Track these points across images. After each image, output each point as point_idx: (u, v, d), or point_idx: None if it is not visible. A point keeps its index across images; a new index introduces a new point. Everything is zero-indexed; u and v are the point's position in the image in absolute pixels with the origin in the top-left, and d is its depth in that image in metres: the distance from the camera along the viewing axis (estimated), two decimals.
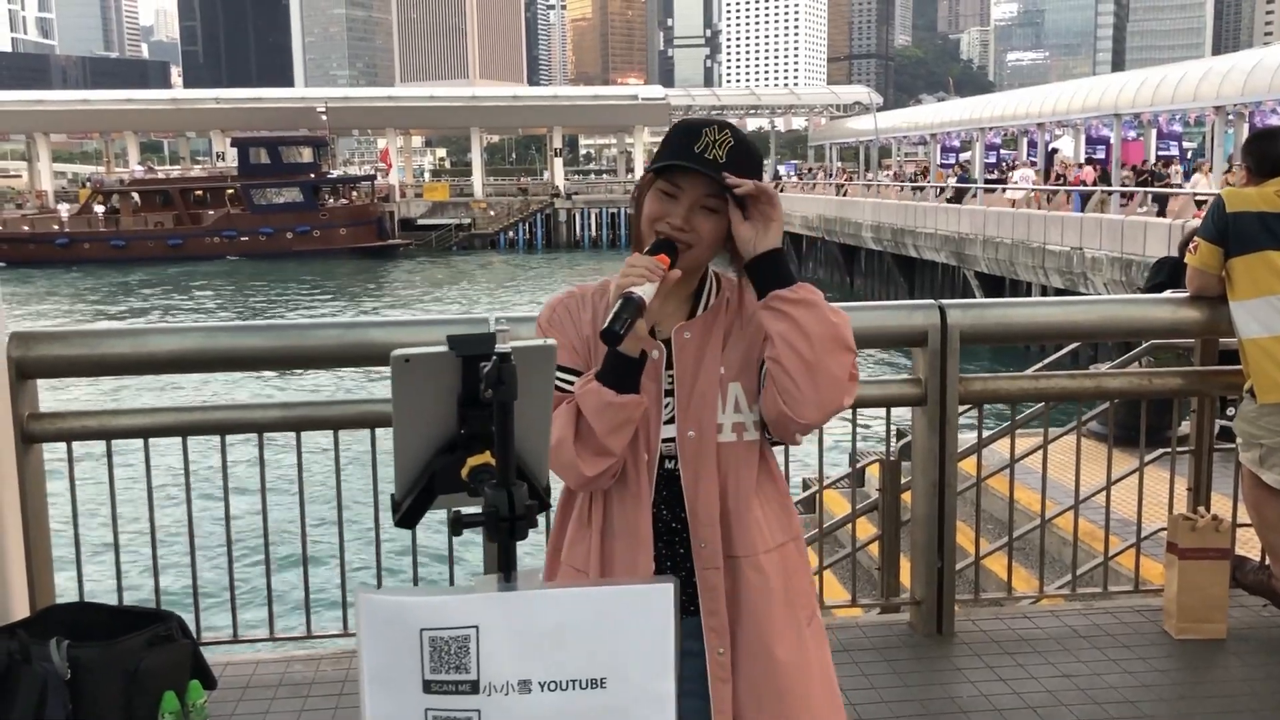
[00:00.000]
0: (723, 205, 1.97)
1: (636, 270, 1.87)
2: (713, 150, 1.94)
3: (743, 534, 2.01)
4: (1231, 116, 27.98)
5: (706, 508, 1.99)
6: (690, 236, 1.97)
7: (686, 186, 1.97)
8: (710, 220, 1.97)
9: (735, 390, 2.01)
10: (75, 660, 3.21)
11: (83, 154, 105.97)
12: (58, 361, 3.77)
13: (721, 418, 2.00)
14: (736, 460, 2.02)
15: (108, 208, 55.95)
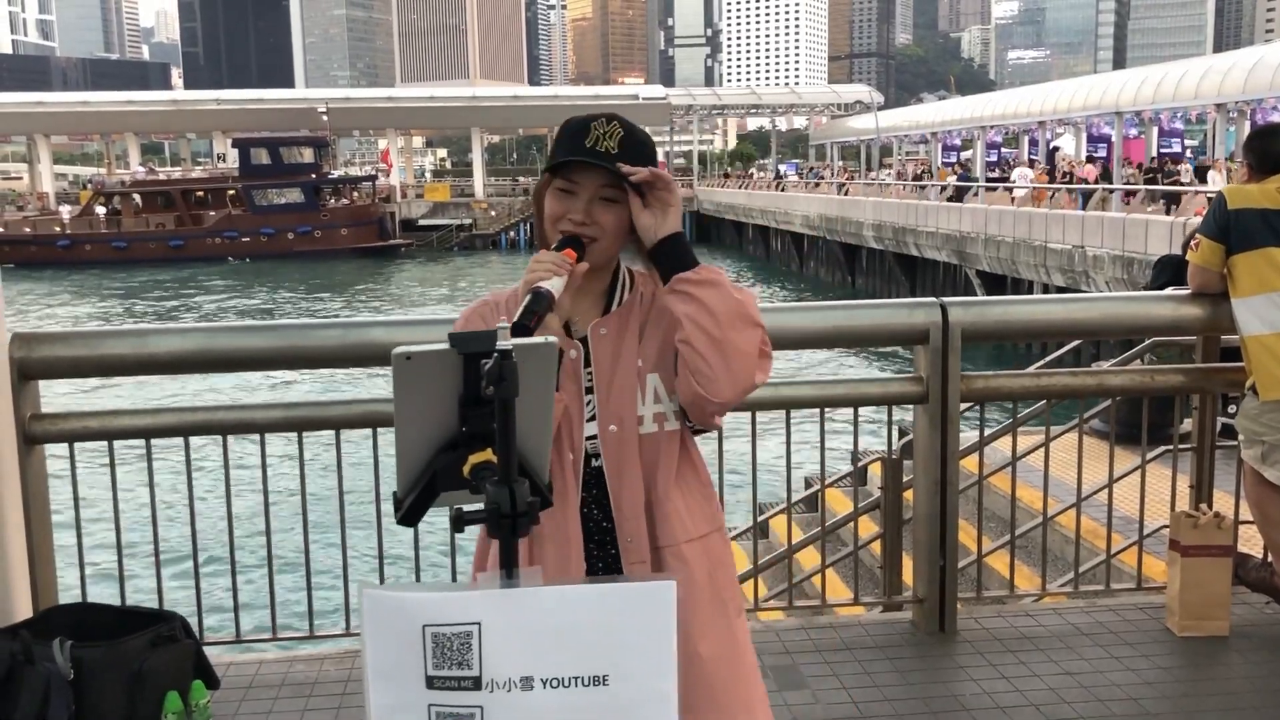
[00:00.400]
0: (621, 195, 1.98)
1: (543, 266, 1.87)
2: (604, 142, 1.95)
3: (665, 525, 2.01)
4: (1233, 114, 28.02)
5: (631, 501, 2.00)
6: (592, 230, 1.98)
7: (583, 181, 1.98)
8: (610, 211, 1.98)
9: (654, 381, 2.01)
10: (78, 660, 3.22)
11: (83, 156, 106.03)
12: (60, 362, 3.77)
13: (642, 409, 2.00)
14: (659, 451, 2.03)
15: (109, 209, 56.03)
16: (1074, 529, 4.55)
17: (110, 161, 75.69)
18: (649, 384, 2.01)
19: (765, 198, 52.12)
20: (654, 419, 2.01)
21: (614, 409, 2.00)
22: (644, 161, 1.98)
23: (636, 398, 2.00)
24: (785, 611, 4.51)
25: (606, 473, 2.00)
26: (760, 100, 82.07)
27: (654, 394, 2.01)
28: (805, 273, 45.67)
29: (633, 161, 1.96)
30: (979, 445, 4.77)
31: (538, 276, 1.85)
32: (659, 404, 2.01)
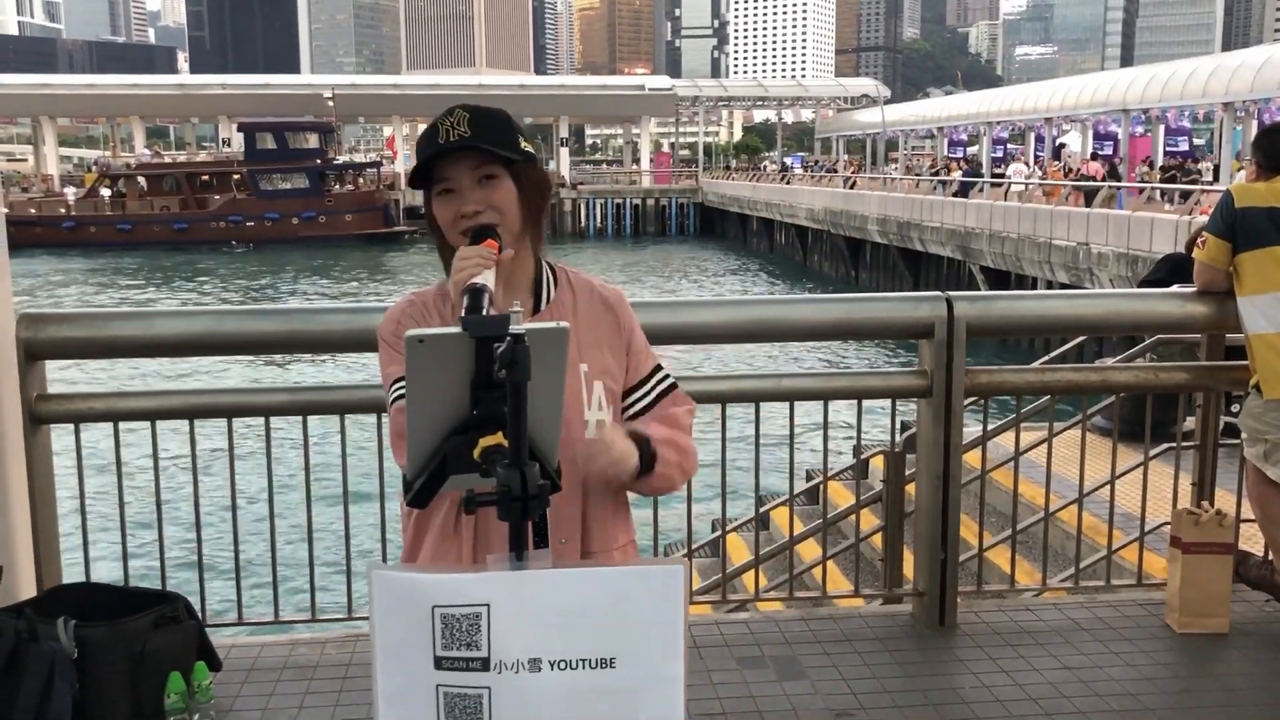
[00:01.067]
0: (499, 169, 1.95)
1: (470, 262, 1.82)
2: (454, 132, 1.93)
3: (600, 530, 2.01)
4: (1240, 113, 27.93)
5: (569, 504, 1.96)
6: (489, 214, 1.94)
7: (455, 175, 1.95)
8: (497, 188, 1.95)
9: (598, 389, 2.00)
10: (82, 640, 3.23)
11: (88, 138, 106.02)
12: (67, 343, 3.79)
13: (587, 414, 1.98)
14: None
15: (114, 192, 56.03)
16: (1075, 525, 4.56)
17: (115, 145, 75.64)
18: (595, 390, 2.00)
19: (770, 190, 52.07)
20: (596, 425, 1.99)
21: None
22: (498, 134, 1.96)
23: (583, 402, 1.98)
24: (785, 602, 4.52)
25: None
26: (766, 92, 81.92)
27: (598, 402, 2.00)
28: (809, 266, 45.65)
29: (489, 136, 1.93)
30: (982, 440, 4.78)
31: (468, 274, 1.79)
32: (601, 411, 2.00)
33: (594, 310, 2.06)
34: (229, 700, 3.55)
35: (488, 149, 1.92)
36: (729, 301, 5.34)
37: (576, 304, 2.06)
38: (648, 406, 2.07)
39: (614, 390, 2.04)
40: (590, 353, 2.02)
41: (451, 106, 1.99)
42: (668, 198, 64.85)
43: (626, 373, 2.08)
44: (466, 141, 1.92)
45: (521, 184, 1.98)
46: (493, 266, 1.84)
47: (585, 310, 2.06)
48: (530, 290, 2.05)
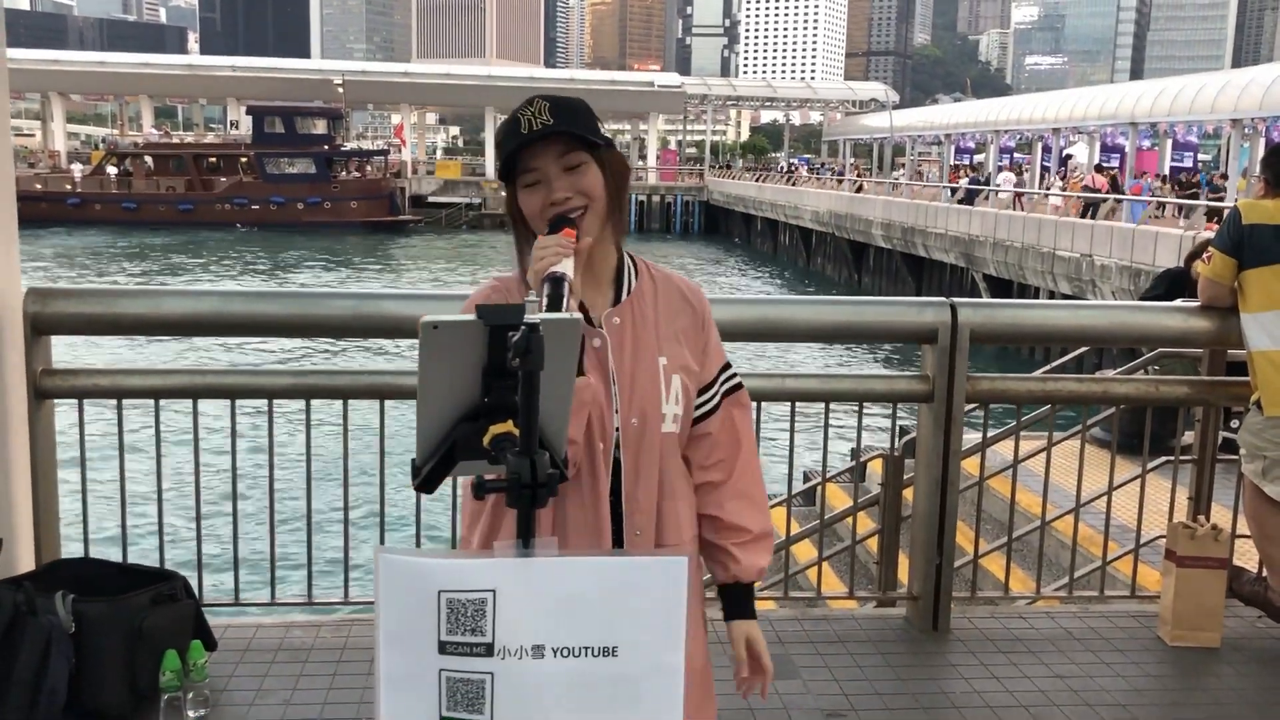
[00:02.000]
0: (585, 157, 1.93)
1: (549, 250, 1.82)
2: (535, 121, 1.91)
3: (673, 524, 2.03)
4: (1248, 130, 27.93)
5: (646, 496, 1.98)
6: (577, 199, 1.92)
7: (541, 165, 1.92)
8: (584, 176, 1.93)
9: (676, 382, 2.00)
10: (80, 615, 3.25)
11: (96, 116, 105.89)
12: (74, 319, 3.80)
13: (665, 407, 1.99)
14: (672, 451, 2.03)
15: (120, 170, 56.00)
16: (1071, 534, 4.58)
17: (123, 123, 75.62)
18: (673, 384, 2.00)
19: (775, 191, 52.07)
20: (673, 419, 2.00)
21: (638, 403, 1.97)
22: (580, 119, 1.93)
23: (661, 394, 1.98)
24: (779, 602, 4.54)
25: (624, 465, 1.97)
26: (775, 93, 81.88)
27: (675, 396, 2.00)
28: (812, 268, 45.66)
29: (572, 122, 1.91)
30: (981, 446, 4.79)
31: (548, 264, 1.80)
32: (677, 406, 2.00)
33: (674, 304, 2.06)
34: (223, 680, 3.56)
35: (575, 134, 1.91)
36: (734, 300, 5.35)
37: (657, 297, 2.05)
38: (711, 410, 2.09)
39: (692, 386, 2.04)
40: (669, 346, 2.02)
41: (530, 97, 1.96)
42: (673, 195, 64.84)
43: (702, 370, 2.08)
44: (550, 129, 1.89)
45: (606, 170, 1.96)
46: (571, 255, 1.84)
47: (665, 303, 2.05)
48: (612, 281, 2.04)
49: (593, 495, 1.95)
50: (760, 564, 2.07)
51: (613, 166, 1.98)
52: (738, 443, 2.10)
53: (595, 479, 1.95)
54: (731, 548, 2.06)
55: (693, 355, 2.05)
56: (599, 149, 1.94)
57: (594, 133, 1.94)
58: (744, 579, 2.07)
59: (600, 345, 1.98)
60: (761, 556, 2.08)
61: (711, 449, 2.07)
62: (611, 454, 1.97)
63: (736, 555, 2.05)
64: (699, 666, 2.05)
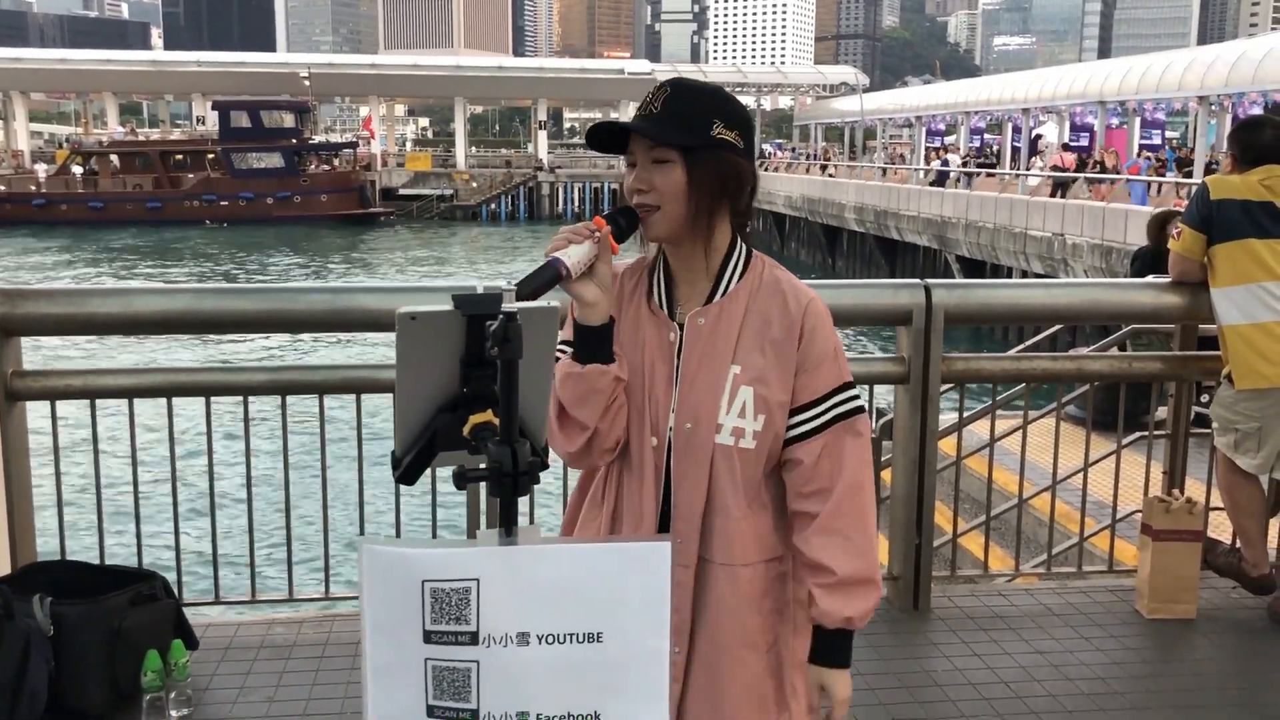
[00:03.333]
0: (672, 154, 1.86)
1: (562, 237, 1.81)
2: (650, 106, 1.89)
3: (721, 541, 1.93)
4: (1214, 107, 28.13)
5: (689, 503, 1.91)
6: (649, 196, 1.88)
7: (636, 149, 1.90)
8: (666, 174, 1.87)
9: (746, 394, 1.89)
10: (59, 617, 3.23)
11: (60, 114, 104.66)
12: (43, 320, 3.76)
13: (723, 418, 1.89)
14: (730, 465, 1.91)
15: (86, 169, 55.36)
16: (1048, 512, 4.62)
17: (87, 121, 74.73)
18: (740, 395, 1.89)
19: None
20: (732, 432, 1.89)
21: (691, 407, 1.90)
22: (693, 118, 1.88)
23: (721, 402, 1.89)
24: None
25: (672, 468, 1.92)
26: (746, 79, 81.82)
27: (741, 407, 1.89)
28: (786, 253, 45.74)
29: (678, 118, 1.86)
30: (957, 426, 4.81)
31: (554, 247, 1.79)
32: (743, 419, 1.89)
33: (770, 310, 1.93)
34: (205, 679, 3.55)
35: (654, 135, 1.86)
36: None
37: (753, 301, 1.94)
38: (810, 433, 1.93)
39: (771, 399, 1.90)
40: (749, 355, 1.91)
41: (666, 81, 1.93)
42: None
43: (795, 389, 1.92)
44: (645, 121, 1.87)
45: (695, 172, 1.87)
46: (585, 242, 1.80)
47: (759, 309, 1.93)
48: (711, 278, 1.95)
49: (639, 484, 1.94)
50: (845, 612, 1.89)
51: (710, 168, 1.88)
52: (839, 474, 1.91)
53: (643, 474, 1.93)
54: (813, 588, 1.91)
55: (779, 368, 1.91)
56: (693, 150, 1.87)
57: (690, 133, 1.87)
58: (824, 624, 1.91)
59: (673, 340, 1.93)
60: (848, 604, 1.89)
61: (807, 477, 1.92)
62: (664, 454, 1.93)
63: (815, 597, 1.91)
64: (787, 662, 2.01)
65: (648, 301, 1.97)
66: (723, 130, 1.89)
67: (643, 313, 1.97)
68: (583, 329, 1.86)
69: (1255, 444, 4.02)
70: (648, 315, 1.96)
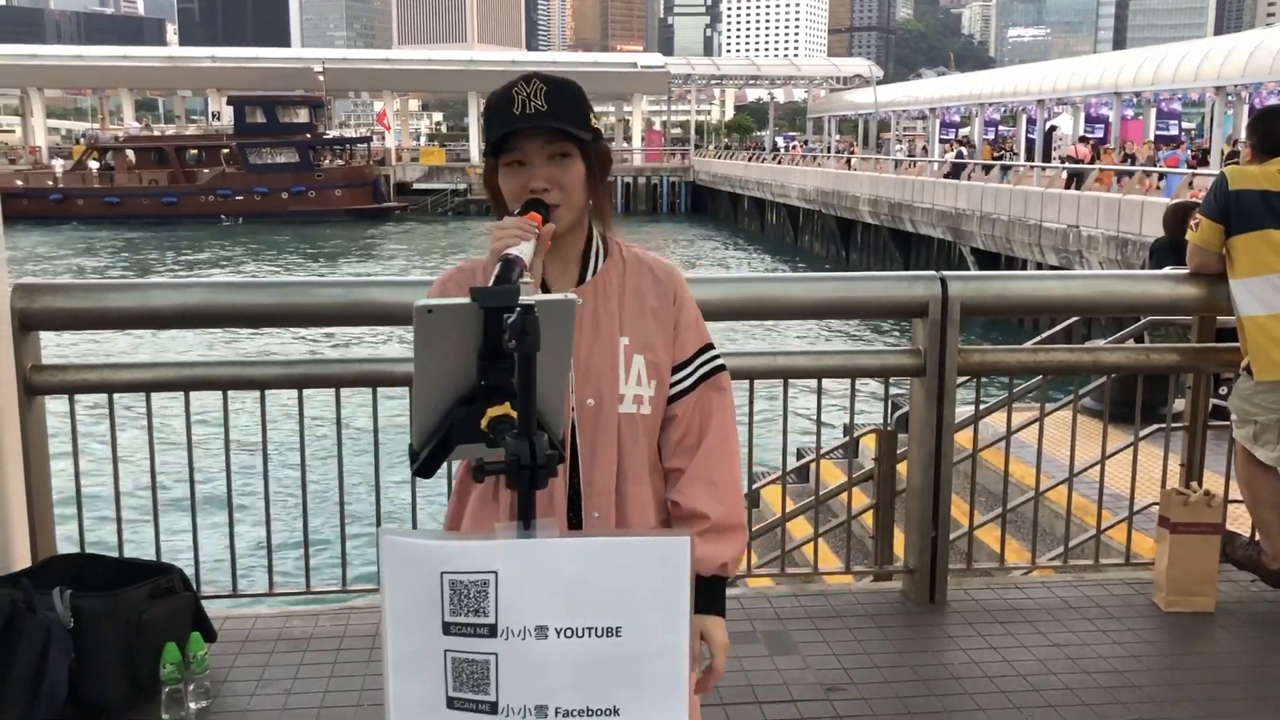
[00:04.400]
0: (571, 147, 1.92)
1: (508, 232, 1.80)
2: (530, 104, 1.90)
3: (636, 508, 1.98)
4: (1231, 98, 27.96)
5: (604, 479, 1.95)
6: (555, 195, 1.91)
7: (528, 148, 1.92)
8: (568, 168, 1.92)
9: (639, 363, 1.97)
10: (79, 610, 3.24)
11: (76, 110, 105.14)
12: (61, 314, 3.77)
13: (624, 388, 1.96)
14: (634, 432, 1.98)
15: (102, 164, 55.63)
16: (1065, 504, 4.60)
17: (104, 117, 75.06)
18: (634, 364, 1.97)
19: (762, 170, 52.00)
20: (633, 399, 1.96)
21: (593, 383, 1.95)
22: (572, 109, 1.92)
23: (619, 374, 1.95)
24: (776, 579, 4.56)
25: (580, 447, 1.95)
26: (759, 71, 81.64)
27: (637, 376, 1.97)
28: (800, 245, 45.65)
29: (568, 111, 1.91)
30: (974, 419, 4.80)
31: (504, 244, 1.77)
32: (640, 386, 1.97)
33: (642, 283, 2.03)
34: (223, 671, 3.57)
35: (565, 130, 1.90)
36: (725, 278, 5.35)
37: (625, 277, 2.03)
38: (684, 391, 2.02)
39: (658, 364, 2.00)
40: (634, 326, 1.99)
41: (527, 74, 1.95)
42: (659, 176, 64.69)
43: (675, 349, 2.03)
44: (544, 118, 1.89)
45: (590, 162, 1.96)
46: (531, 239, 1.81)
47: (632, 284, 2.02)
48: (578, 260, 2.03)
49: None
50: (720, 557, 1.96)
51: (598, 158, 1.98)
52: (707, 427, 2.02)
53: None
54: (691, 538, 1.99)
55: (662, 335, 2.01)
56: (586, 142, 1.93)
57: (583, 126, 1.93)
58: (701, 571, 1.94)
59: None
60: (722, 548, 1.96)
61: (680, 432, 2.01)
62: (569, 436, 1.95)
63: (693, 545, 1.96)
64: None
65: None
66: (593, 118, 1.98)
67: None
68: None
69: (1275, 436, 3.99)
70: None
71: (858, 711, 3.39)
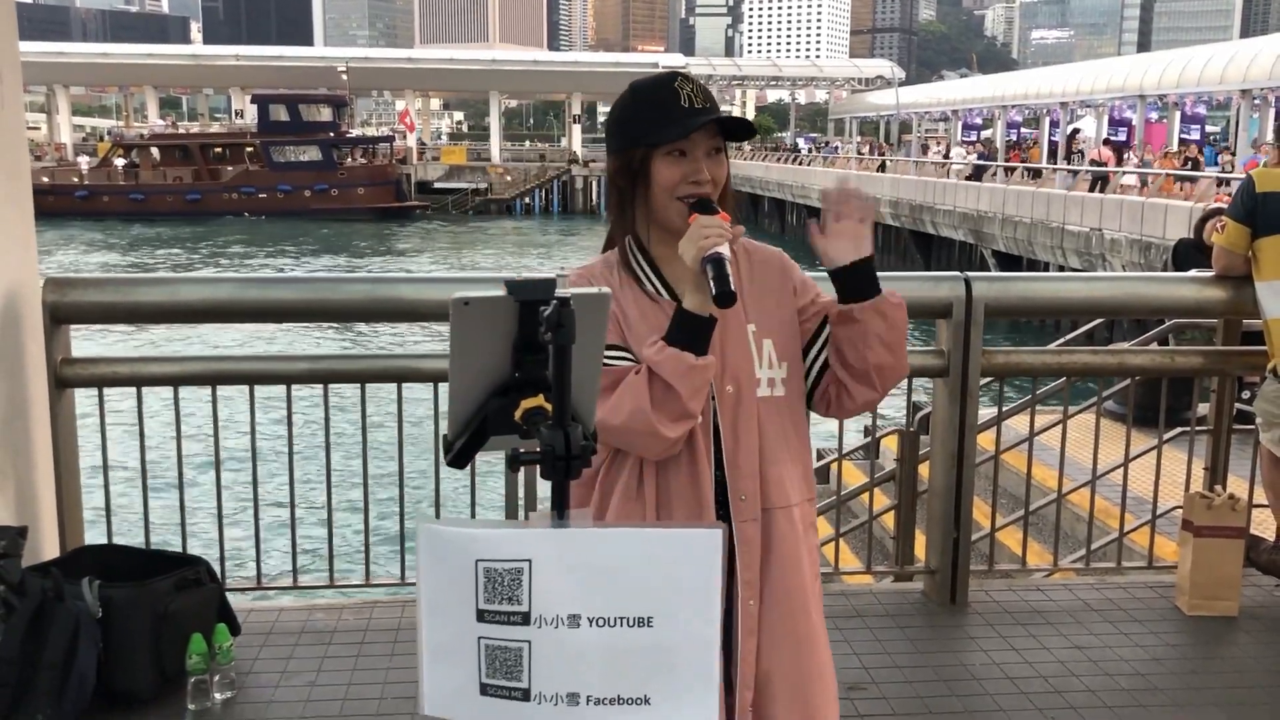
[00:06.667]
0: (723, 145, 2.01)
1: (713, 231, 1.89)
2: (696, 99, 1.98)
3: (777, 487, 2.05)
4: (1257, 101, 27.76)
5: (747, 461, 2.02)
6: (708, 187, 1.99)
7: (694, 140, 1.98)
8: (719, 165, 2.01)
9: (768, 346, 2.05)
10: (107, 600, 3.28)
11: (101, 108, 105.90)
12: (92, 308, 3.83)
13: (759, 372, 2.04)
14: (771, 414, 2.05)
15: (127, 161, 56.05)
16: (1087, 507, 4.58)
17: (128, 114, 75.64)
18: (764, 348, 2.04)
19: (782, 171, 51.92)
20: (768, 383, 2.04)
21: (730, 370, 2.02)
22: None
23: (753, 360, 2.03)
24: None
25: (723, 432, 2.02)
26: (780, 72, 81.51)
27: (769, 359, 2.05)
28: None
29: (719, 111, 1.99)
30: (997, 420, 4.80)
31: (711, 243, 1.87)
32: (771, 369, 2.05)
33: (759, 271, 2.10)
34: (248, 663, 3.60)
35: (736, 126, 1.99)
36: None
37: (741, 268, 2.08)
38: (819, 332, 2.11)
39: (787, 347, 2.07)
40: (757, 313, 2.06)
41: (671, 72, 2.03)
42: None
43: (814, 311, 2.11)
44: (717, 113, 1.97)
45: (727, 164, 2.05)
46: (729, 239, 1.90)
47: (750, 273, 2.09)
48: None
49: (691, 464, 2.00)
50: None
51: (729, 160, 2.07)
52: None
53: (694, 447, 2.00)
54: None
55: (784, 318, 2.08)
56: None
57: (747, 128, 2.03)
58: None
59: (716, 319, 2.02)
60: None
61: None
62: (711, 423, 2.01)
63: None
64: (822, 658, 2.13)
65: (642, 292, 2.05)
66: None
67: (644, 304, 2.04)
68: (699, 322, 1.93)
69: None
70: (650, 305, 2.03)
71: (879, 711, 3.40)
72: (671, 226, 2.00)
